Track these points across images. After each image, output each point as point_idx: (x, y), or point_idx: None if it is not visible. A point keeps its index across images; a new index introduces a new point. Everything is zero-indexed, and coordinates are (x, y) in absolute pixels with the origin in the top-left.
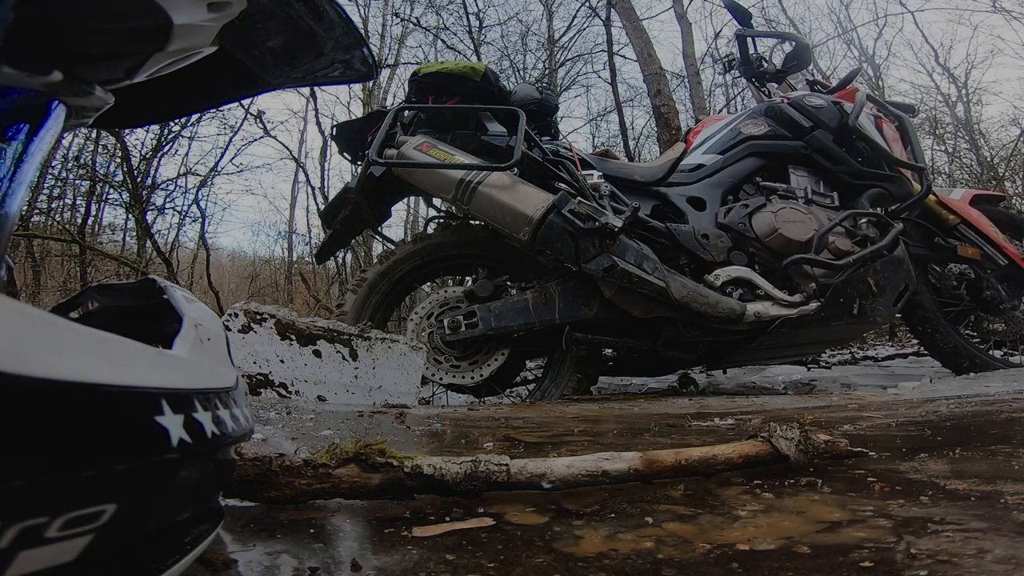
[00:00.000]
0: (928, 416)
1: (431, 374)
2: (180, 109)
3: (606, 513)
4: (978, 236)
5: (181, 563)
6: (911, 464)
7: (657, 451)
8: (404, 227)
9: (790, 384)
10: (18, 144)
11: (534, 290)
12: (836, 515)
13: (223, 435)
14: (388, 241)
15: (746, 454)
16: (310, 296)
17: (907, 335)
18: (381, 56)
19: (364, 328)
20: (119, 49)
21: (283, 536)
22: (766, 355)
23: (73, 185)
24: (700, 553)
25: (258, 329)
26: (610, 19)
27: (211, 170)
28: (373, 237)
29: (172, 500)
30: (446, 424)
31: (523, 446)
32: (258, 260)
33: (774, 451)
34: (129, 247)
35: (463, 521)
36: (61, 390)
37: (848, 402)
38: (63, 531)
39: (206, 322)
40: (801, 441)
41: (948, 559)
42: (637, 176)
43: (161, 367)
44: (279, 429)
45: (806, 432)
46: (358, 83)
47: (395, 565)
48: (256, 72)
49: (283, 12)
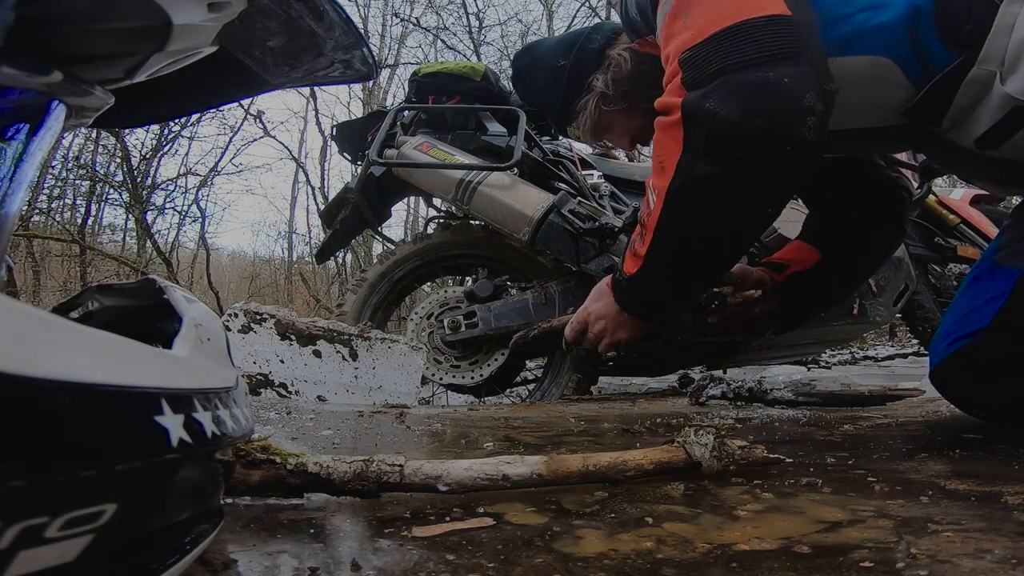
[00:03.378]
0: (928, 416)
1: (431, 374)
2: (180, 109)
3: (606, 513)
4: (978, 236)
5: (181, 563)
6: (911, 464)
7: (563, 456)
8: (404, 227)
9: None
10: (18, 144)
11: (534, 290)
12: (836, 515)
13: (223, 435)
14: (388, 241)
15: (658, 460)
16: (310, 296)
17: (907, 335)
18: (381, 56)
19: (364, 328)
20: (119, 49)
21: (283, 536)
22: (766, 355)
23: (73, 185)
24: (700, 553)
25: (258, 329)
26: (610, 19)
27: (211, 170)
28: (373, 237)
29: (172, 500)
30: (446, 424)
31: (523, 446)
32: (258, 260)
33: (688, 457)
34: (129, 247)
35: (463, 521)
36: (61, 390)
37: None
38: (63, 531)
39: (206, 322)
40: (716, 447)
41: (948, 559)
42: (637, 176)
43: (161, 367)
44: (279, 429)
45: (721, 438)
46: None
47: (395, 565)
48: (256, 72)
49: (283, 12)
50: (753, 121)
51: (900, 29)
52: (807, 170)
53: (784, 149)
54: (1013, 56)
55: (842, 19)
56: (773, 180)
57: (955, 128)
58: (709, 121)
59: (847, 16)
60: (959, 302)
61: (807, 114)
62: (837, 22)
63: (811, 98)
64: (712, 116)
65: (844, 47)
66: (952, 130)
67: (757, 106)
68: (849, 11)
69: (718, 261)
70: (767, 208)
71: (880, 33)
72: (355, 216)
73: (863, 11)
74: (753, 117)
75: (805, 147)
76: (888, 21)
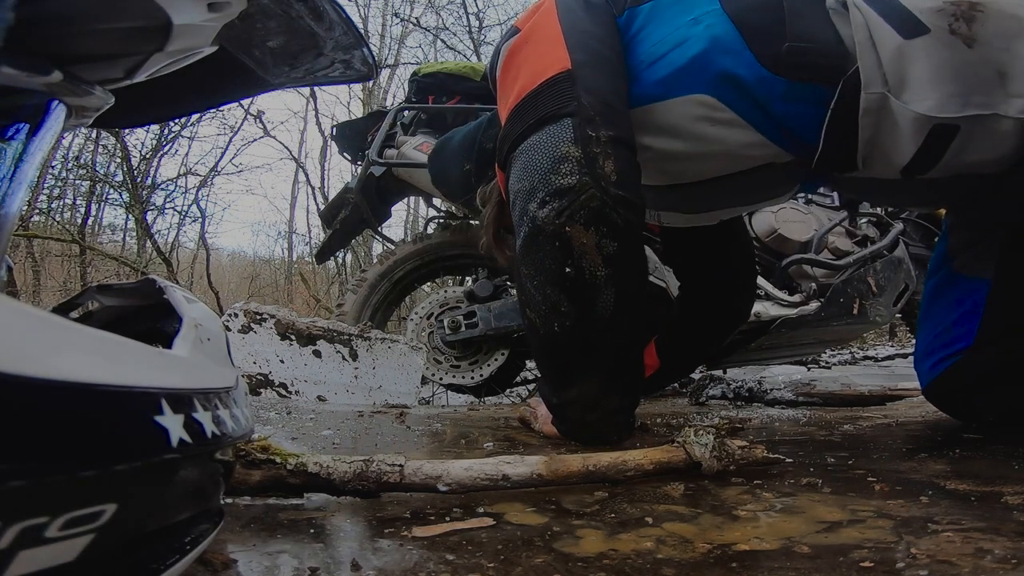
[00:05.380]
0: (928, 416)
1: (431, 374)
2: (180, 109)
3: (606, 513)
4: None
5: (181, 563)
6: (911, 464)
7: (563, 456)
8: (404, 227)
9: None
10: (18, 144)
11: None
12: (836, 515)
13: (223, 435)
14: (388, 241)
15: (658, 460)
16: (310, 296)
17: (907, 335)
18: (381, 56)
19: (364, 328)
20: (119, 49)
21: (283, 536)
22: (766, 355)
23: (73, 185)
24: (700, 553)
25: (258, 329)
26: None
27: (211, 170)
28: (373, 237)
29: (172, 500)
30: (446, 424)
31: (523, 446)
32: (258, 260)
33: (687, 457)
34: (129, 247)
35: (463, 521)
36: (61, 390)
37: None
38: (63, 531)
39: (206, 322)
40: (716, 447)
41: (948, 559)
42: None
43: (161, 367)
44: (279, 429)
45: (721, 438)
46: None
47: (395, 565)
48: (256, 72)
49: (283, 12)
50: (521, 183)
51: (709, 61)
52: (578, 216)
53: (537, 199)
54: (894, 70)
55: (658, 61)
56: (545, 233)
57: (871, 165)
58: (510, 197)
59: (661, 57)
60: (929, 315)
61: (560, 162)
62: (655, 64)
63: (564, 147)
64: (509, 192)
65: (666, 89)
66: (868, 168)
67: (524, 169)
68: (662, 51)
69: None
70: (563, 264)
71: (692, 69)
72: (355, 216)
73: (673, 49)
74: (522, 180)
75: (559, 192)
76: (695, 55)
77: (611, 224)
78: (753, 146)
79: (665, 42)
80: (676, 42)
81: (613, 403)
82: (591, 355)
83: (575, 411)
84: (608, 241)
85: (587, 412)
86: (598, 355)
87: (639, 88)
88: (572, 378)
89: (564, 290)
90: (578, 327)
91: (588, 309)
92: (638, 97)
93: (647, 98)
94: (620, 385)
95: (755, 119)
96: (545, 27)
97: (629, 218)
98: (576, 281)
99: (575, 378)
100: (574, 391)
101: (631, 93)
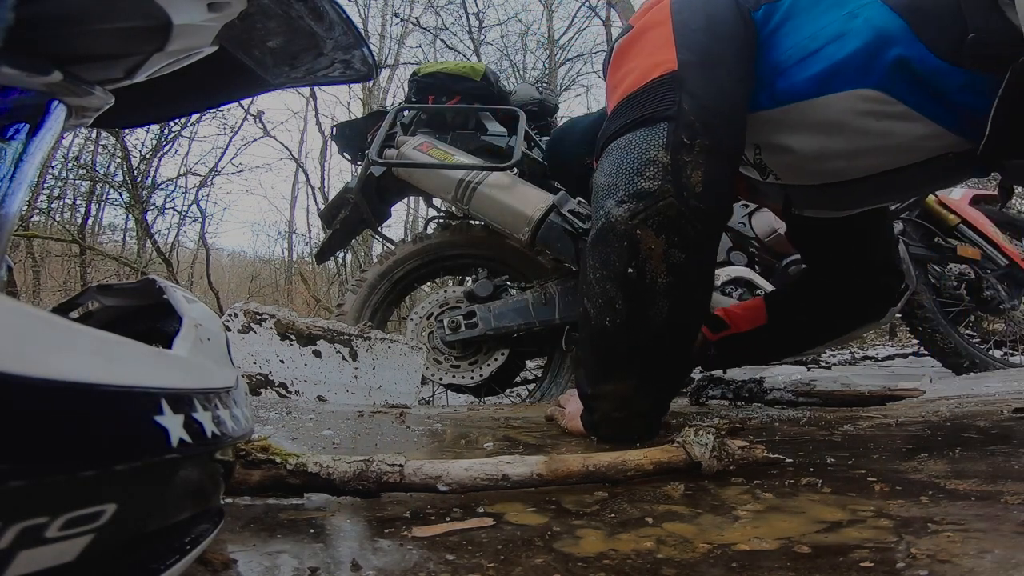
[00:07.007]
0: (928, 416)
1: (431, 374)
2: (180, 109)
3: (606, 513)
4: (978, 236)
5: (181, 563)
6: (911, 464)
7: (563, 456)
8: (404, 227)
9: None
10: (18, 144)
11: (534, 290)
12: (836, 515)
13: (223, 435)
14: (388, 241)
15: (658, 460)
16: (310, 296)
17: (907, 335)
18: (381, 56)
19: (364, 328)
20: (119, 49)
21: (283, 536)
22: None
23: (73, 185)
24: (700, 553)
25: (258, 329)
26: (610, 19)
27: (211, 170)
28: (373, 237)
29: (172, 500)
30: (446, 424)
31: (523, 446)
32: (258, 260)
33: (687, 457)
34: (129, 247)
35: (463, 521)
36: (61, 390)
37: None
38: (63, 531)
39: (206, 322)
40: (716, 447)
41: (948, 559)
42: None
43: (161, 367)
44: (279, 429)
45: (721, 438)
46: (358, 83)
47: (395, 565)
48: (256, 72)
49: (283, 12)
50: (606, 179)
51: (874, 54)
52: (651, 221)
53: (616, 196)
54: None
55: (810, 56)
56: (616, 231)
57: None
58: (593, 189)
59: (815, 52)
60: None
61: (646, 165)
62: (806, 60)
63: (654, 151)
64: (593, 184)
65: (821, 85)
66: None
67: (612, 166)
68: (815, 46)
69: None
70: (627, 264)
71: (854, 63)
72: (355, 216)
73: (829, 44)
74: (606, 176)
75: (638, 195)
76: (857, 48)
77: (683, 235)
78: (928, 137)
79: (818, 37)
80: (832, 36)
81: (643, 406)
82: (634, 357)
83: (606, 405)
84: (677, 251)
85: (617, 409)
86: (640, 359)
87: (785, 84)
88: (611, 374)
89: (622, 289)
90: (628, 327)
91: (641, 312)
92: (784, 94)
93: (796, 95)
94: (654, 389)
95: (930, 110)
96: (656, 25)
97: (704, 231)
98: (636, 283)
99: (613, 375)
100: (610, 386)
101: (776, 89)
